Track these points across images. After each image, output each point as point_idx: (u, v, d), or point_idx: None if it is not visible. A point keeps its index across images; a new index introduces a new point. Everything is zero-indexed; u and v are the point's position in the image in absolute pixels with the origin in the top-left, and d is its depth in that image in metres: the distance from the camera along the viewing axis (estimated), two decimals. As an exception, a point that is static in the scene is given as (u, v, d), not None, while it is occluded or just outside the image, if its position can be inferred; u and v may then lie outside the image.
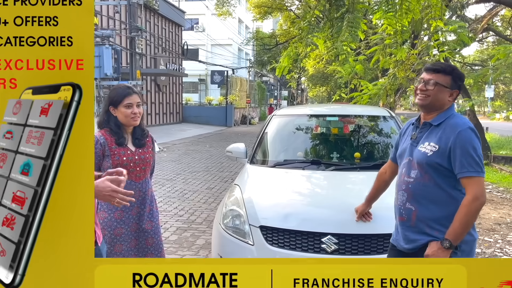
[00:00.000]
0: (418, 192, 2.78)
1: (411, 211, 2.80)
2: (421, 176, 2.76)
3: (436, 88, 2.75)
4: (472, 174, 2.60)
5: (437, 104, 2.78)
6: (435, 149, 2.71)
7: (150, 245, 3.43)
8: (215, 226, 4.28)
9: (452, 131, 2.68)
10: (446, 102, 2.78)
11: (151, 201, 3.47)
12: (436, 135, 2.75)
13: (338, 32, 7.50)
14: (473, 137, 2.66)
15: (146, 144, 3.41)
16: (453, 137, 2.65)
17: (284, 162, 5.11)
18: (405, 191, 2.85)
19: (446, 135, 2.70)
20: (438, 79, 2.76)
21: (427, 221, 2.74)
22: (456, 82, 2.79)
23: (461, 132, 2.65)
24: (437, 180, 2.71)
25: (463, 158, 2.61)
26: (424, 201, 2.75)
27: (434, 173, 2.71)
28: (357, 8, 7.91)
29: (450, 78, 2.77)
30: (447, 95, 2.77)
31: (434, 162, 2.69)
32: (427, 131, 2.82)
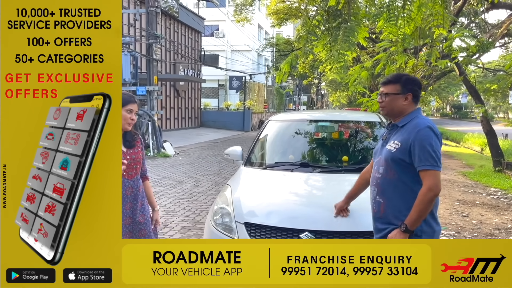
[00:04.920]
0: (385, 187, 3.10)
1: (380, 203, 3.13)
2: (387, 172, 3.08)
3: (388, 98, 3.14)
4: (428, 167, 2.90)
5: (395, 109, 3.14)
6: (398, 146, 3.03)
7: (143, 236, 3.69)
8: (207, 223, 4.54)
9: (413, 130, 3.00)
10: (402, 106, 3.12)
11: (142, 197, 3.75)
12: (400, 135, 3.08)
13: (335, 41, 7.66)
14: (431, 134, 2.96)
15: (136, 145, 3.70)
16: (413, 135, 2.97)
17: (275, 165, 5.34)
18: (375, 186, 3.19)
19: (408, 133, 3.02)
20: (387, 90, 3.15)
21: (393, 212, 3.05)
22: (406, 87, 3.12)
23: (420, 131, 2.97)
24: (401, 175, 3.02)
25: (421, 153, 2.92)
26: (390, 194, 3.07)
27: (398, 168, 3.03)
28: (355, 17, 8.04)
29: (398, 85, 3.12)
30: (401, 100, 3.12)
31: (397, 158, 3.01)
32: (394, 132, 3.17)
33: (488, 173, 13.49)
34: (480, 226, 7.54)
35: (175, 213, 8.23)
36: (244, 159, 5.60)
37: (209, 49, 36.63)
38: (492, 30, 15.59)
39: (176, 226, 7.32)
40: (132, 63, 17.96)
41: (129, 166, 3.54)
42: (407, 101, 3.13)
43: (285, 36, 42.11)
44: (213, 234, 4.23)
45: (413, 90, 3.14)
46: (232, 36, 44.50)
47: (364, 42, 9.16)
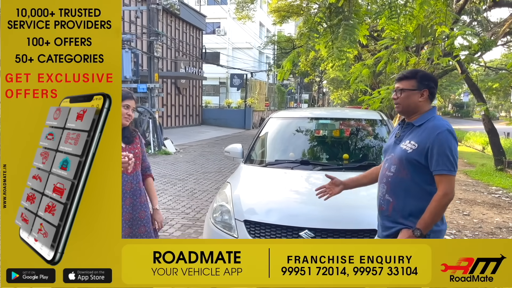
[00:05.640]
0: (396, 186, 3.05)
1: (389, 202, 3.08)
2: (400, 171, 3.02)
3: (404, 94, 3.05)
4: (445, 172, 2.85)
5: (411, 106, 3.06)
6: (415, 147, 2.96)
7: (143, 232, 3.66)
8: (206, 221, 4.54)
9: (432, 132, 2.93)
10: (418, 103, 3.05)
11: (143, 193, 3.73)
12: (416, 135, 3.01)
13: (336, 38, 7.63)
14: (450, 138, 2.91)
15: (134, 141, 3.70)
16: (432, 137, 2.90)
17: (275, 162, 5.34)
18: (385, 184, 3.13)
19: (426, 135, 2.94)
20: (403, 86, 3.06)
21: (402, 212, 3.01)
22: (422, 83, 3.04)
23: (440, 134, 2.90)
24: (414, 176, 2.97)
25: (439, 157, 2.86)
26: (401, 194, 3.02)
27: (412, 169, 2.97)
28: (356, 15, 8.00)
29: (414, 80, 3.05)
30: (417, 96, 3.04)
31: (413, 159, 2.95)
32: (409, 131, 3.09)
33: (489, 172, 13.49)
34: (481, 225, 7.54)
35: (175, 210, 8.25)
36: (244, 157, 5.60)
37: (211, 47, 36.51)
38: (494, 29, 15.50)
39: (176, 224, 7.34)
40: (133, 60, 17.97)
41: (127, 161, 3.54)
42: (423, 97, 3.05)
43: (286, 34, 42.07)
44: (212, 232, 4.22)
45: (429, 87, 3.06)
46: (233, 33, 44.46)
47: (364, 40, 9.12)
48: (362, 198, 4.33)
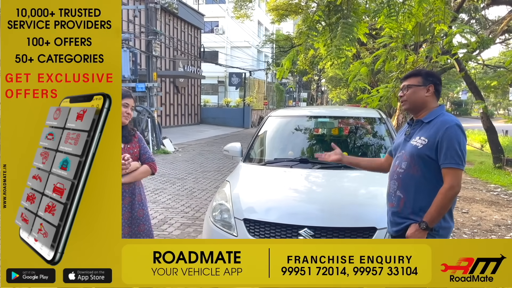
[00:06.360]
0: (407, 182, 3.08)
1: (400, 198, 3.11)
2: (411, 168, 3.05)
3: (410, 90, 3.12)
4: (452, 165, 2.88)
5: (418, 102, 3.12)
6: (425, 142, 3.00)
7: (142, 231, 3.68)
8: (206, 219, 4.54)
9: (441, 127, 2.97)
10: (425, 98, 3.10)
11: (142, 191, 3.76)
12: (426, 131, 3.04)
13: (335, 36, 7.61)
14: (459, 133, 2.95)
15: (133, 140, 3.70)
16: (441, 132, 2.94)
17: (275, 161, 5.35)
18: (396, 180, 3.16)
19: (436, 130, 2.99)
20: (409, 82, 3.14)
21: (412, 207, 3.04)
22: (427, 79, 3.11)
23: (449, 128, 2.94)
24: (425, 172, 3.00)
25: (447, 151, 2.90)
26: (412, 190, 3.05)
27: (422, 164, 3.00)
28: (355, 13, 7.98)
29: (420, 77, 3.12)
30: (423, 92, 3.10)
31: (424, 154, 2.99)
32: (419, 128, 3.13)
33: (488, 170, 13.52)
34: (480, 223, 7.55)
35: (175, 209, 8.25)
36: (243, 156, 5.60)
37: (209, 46, 36.53)
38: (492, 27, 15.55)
39: (175, 223, 7.34)
40: (132, 59, 17.96)
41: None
42: (429, 92, 3.10)
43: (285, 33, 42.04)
44: (212, 231, 4.23)
45: (434, 82, 3.12)
46: (231, 32, 44.44)
47: (364, 38, 9.11)
48: (361, 196, 4.35)
